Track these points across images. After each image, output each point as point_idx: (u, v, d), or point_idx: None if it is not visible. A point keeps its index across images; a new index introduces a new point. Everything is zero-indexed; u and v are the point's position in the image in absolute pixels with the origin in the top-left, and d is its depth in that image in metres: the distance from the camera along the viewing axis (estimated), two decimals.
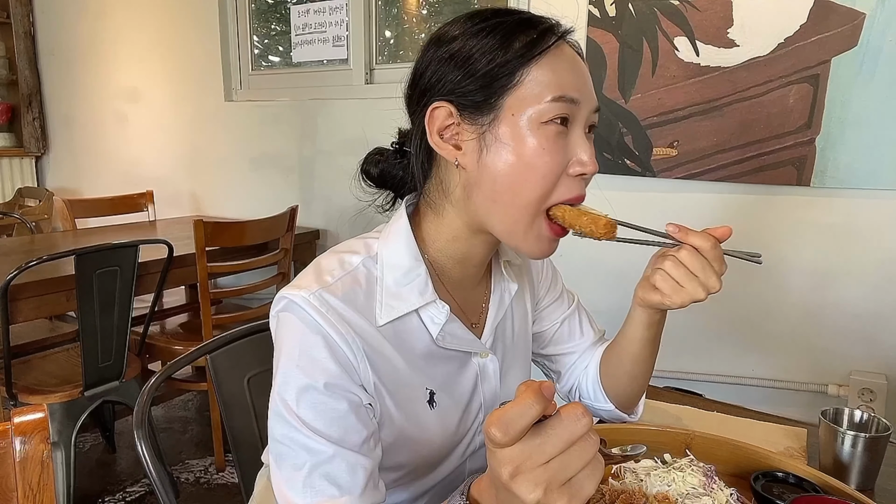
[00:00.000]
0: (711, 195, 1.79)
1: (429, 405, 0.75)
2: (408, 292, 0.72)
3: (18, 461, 0.63)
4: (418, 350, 0.74)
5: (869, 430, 0.88)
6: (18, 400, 1.81)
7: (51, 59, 3.67)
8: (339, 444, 0.65)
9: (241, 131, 2.85)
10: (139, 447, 0.87)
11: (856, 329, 1.66)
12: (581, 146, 0.69)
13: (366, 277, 0.72)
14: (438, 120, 0.69)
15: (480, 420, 0.81)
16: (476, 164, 0.69)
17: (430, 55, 0.70)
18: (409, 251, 0.73)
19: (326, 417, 0.65)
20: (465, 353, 0.79)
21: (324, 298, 0.67)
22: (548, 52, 0.67)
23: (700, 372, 1.88)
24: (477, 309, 0.82)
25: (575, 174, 0.69)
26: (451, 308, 0.75)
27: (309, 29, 2.63)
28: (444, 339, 0.75)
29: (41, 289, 1.79)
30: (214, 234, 2.03)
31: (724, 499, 0.71)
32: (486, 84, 0.67)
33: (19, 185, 3.72)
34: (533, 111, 0.66)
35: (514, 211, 0.69)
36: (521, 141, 0.66)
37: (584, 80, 0.70)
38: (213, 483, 2.18)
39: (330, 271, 0.71)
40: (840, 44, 1.56)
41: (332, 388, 0.66)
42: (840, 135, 1.59)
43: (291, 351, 0.67)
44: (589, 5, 1.85)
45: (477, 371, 0.80)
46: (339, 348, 0.67)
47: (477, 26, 0.68)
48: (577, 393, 0.98)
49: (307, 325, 0.67)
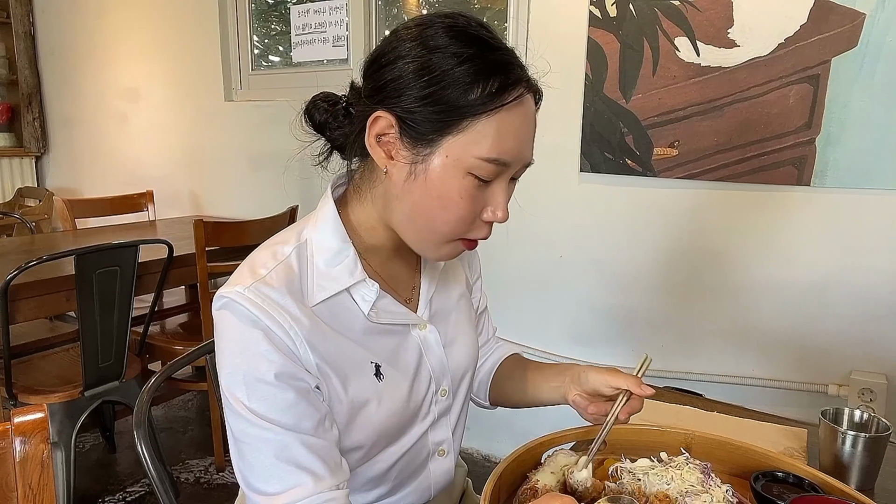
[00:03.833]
0: (712, 195, 1.79)
1: (376, 378, 0.77)
2: (338, 272, 0.75)
3: (18, 461, 0.63)
4: (356, 328, 0.77)
5: (869, 430, 0.88)
6: (18, 400, 1.80)
7: (51, 59, 3.67)
8: (294, 430, 0.69)
9: (241, 131, 2.85)
10: (139, 447, 0.87)
11: (856, 329, 1.65)
12: (498, 198, 0.72)
13: (298, 264, 0.74)
14: (379, 126, 0.70)
15: (433, 390, 0.85)
16: (401, 184, 0.71)
17: (404, 51, 0.70)
18: (337, 234, 0.76)
19: (278, 407, 0.68)
20: (402, 325, 0.82)
21: (259, 290, 0.70)
22: (505, 108, 0.68)
23: (700, 372, 1.88)
24: (409, 285, 0.86)
25: (486, 220, 0.73)
26: (382, 286, 0.78)
27: (309, 29, 2.62)
28: (377, 314, 0.78)
29: (41, 289, 1.78)
30: (214, 234, 2.03)
31: (721, 495, 0.71)
32: (436, 119, 0.67)
33: (19, 185, 3.72)
34: (464, 161, 0.68)
35: (425, 235, 0.74)
36: (445, 183, 0.69)
37: (526, 142, 0.72)
38: (213, 483, 2.18)
39: (263, 264, 0.73)
40: (840, 44, 1.56)
41: (281, 377, 0.69)
42: (840, 135, 1.59)
43: (234, 348, 0.70)
44: (590, 5, 1.85)
45: (419, 343, 0.83)
46: (280, 339, 0.69)
47: (456, 47, 0.68)
48: None
49: (246, 321, 0.69)
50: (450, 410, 0.89)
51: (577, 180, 1.99)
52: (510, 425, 2.21)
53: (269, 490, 0.68)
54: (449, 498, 0.98)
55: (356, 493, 0.82)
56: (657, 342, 1.95)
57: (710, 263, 1.83)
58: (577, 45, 1.89)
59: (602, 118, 1.88)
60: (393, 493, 0.86)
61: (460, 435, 0.94)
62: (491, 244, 1.07)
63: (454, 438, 0.91)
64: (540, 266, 2.12)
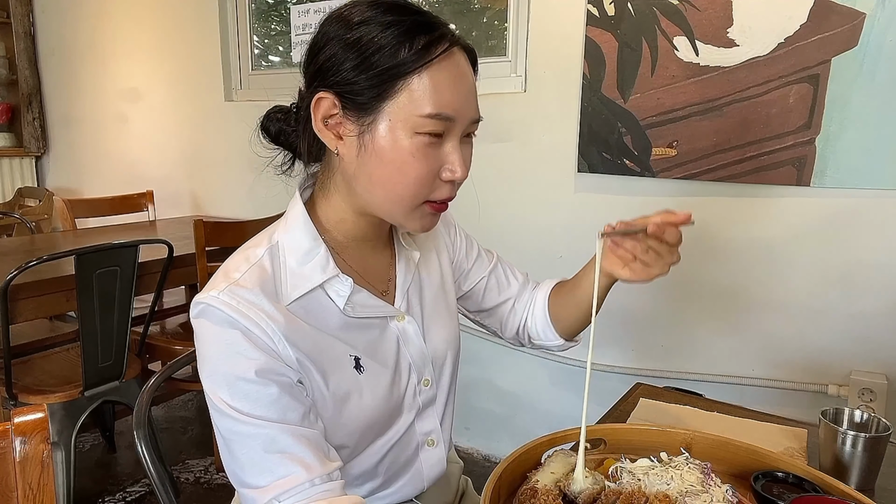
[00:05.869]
0: (711, 195, 1.79)
1: (356, 371, 0.78)
2: (310, 270, 0.76)
3: (18, 461, 0.63)
4: (332, 323, 0.77)
5: (869, 430, 0.88)
6: (18, 400, 1.80)
7: (51, 59, 3.67)
8: (281, 422, 0.69)
9: (241, 131, 2.83)
10: (139, 447, 0.87)
11: (856, 329, 1.66)
12: (452, 155, 0.73)
13: (271, 265, 0.75)
14: (323, 108, 0.72)
15: (415, 381, 0.85)
16: (354, 159, 0.73)
17: (332, 32, 0.72)
18: (308, 233, 0.77)
19: (262, 402, 0.69)
20: (380, 318, 0.82)
21: (234, 293, 0.71)
22: (435, 61, 0.69)
23: (700, 372, 1.88)
24: (384, 277, 0.86)
25: (446, 179, 0.73)
26: (357, 280, 0.79)
27: (309, 29, 2.62)
28: (353, 309, 0.78)
29: (41, 289, 1.79)
30: (214, 234, 2.03)
31: (722, 495, 0.71)
32: (372, 85, 0.69)
33: (19, 185, 3.72)
34: (408, 121, 0.69)
35: (390, 203, 0.74)
36: (394, 146, 0.70)
37: (466, 95, 0.72)
38: (213, 483, 2.18)
39: (236, 268, 0.74)
40: (840, 44, 1.56)
41: (263, 373, 0.69)
42: (840, 135, 1.59)
43: (214, 350, 0.70)
44: (588, 4, 1.85)
45: (397, 334, 0.84)
46: (258, 337, 0.70)
47: (379, 17, 0.70)
48: (525, 333, 1.04)
49: (223, 324, 0.70)
50: (435, 400, 0.90)
51: (575, 180, 1.98)
52: (510, 425, 2.21)
53: (260, 483, 0.68)
54: (444, 492, 0.98)
55: (348, 489, 0.82)
56: (657, 342, 1.95)
57: (709, 263, 1.83)
58: (575, 45, 1.88)
59: (600, 118, 1.88)
60: (385, 486, 0.87)
61: (449, 424, 0.94)
62: (490, 245, 1.07)
63: (443, 428, 0.91)
64: (539, 266, 2.11)
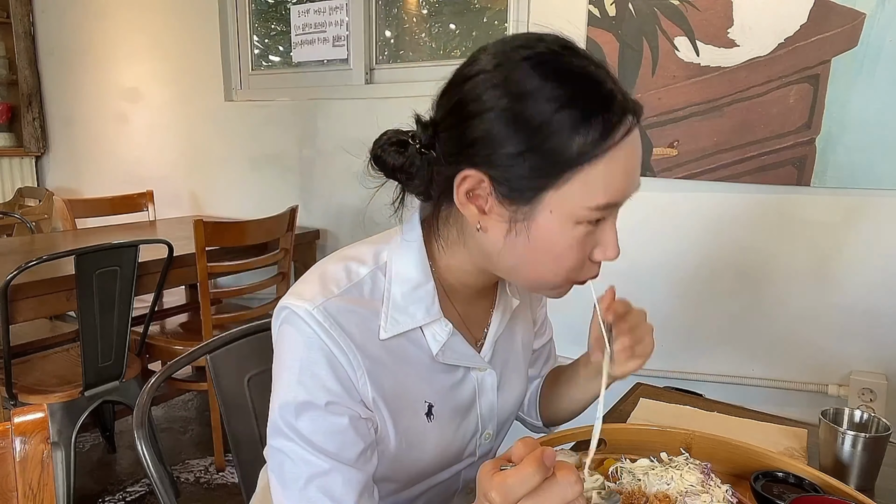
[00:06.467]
0: (711, 195, 1.79)
1: (426, 417, 0.75)
2: (414, 308, 0.72)
3: (18, 461, 0.63)
4: (419, 364, 0.74)
5: (869, 430, 0.88)
6: (18, 400, 1.80)
7: (51, 59, 3.67)
8: (335, 459, 0.66)
9: (241, 131, 2.85)
10: (139, 447, 0.87)
11: (856, 329, 1.65)
12: (608, 236, 0.67)
13: (371, 290, 0.71)
14: (469, 184, 0.64)
15: (479, 433, 0.82)
16: (502, 240, 0.66)
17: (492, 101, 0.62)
18: (420, 265, 0.72)
19: (325, 433, 0.66)
20: (465, 367, 0.79)
21: (327, 312, 0.67)
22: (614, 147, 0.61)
23: (700, 372, 1.88)
24: (481, 324, 0.82)
25: (595, 260, 0.69)
26: (455, 323, 0.75)
27: (309, 29, 2.62)
28: (444, 354, 0.75)
29: (41, 289, 1.78)
30: (214, 234, 2.03)
31: (721, 495, 0.71)
32: (537, 175, 0.61)
33: (19, 184, 3.72)
34: (574, 212, 0.63)
35: (531, 282, 0.71)
36: (552, 237, 0.64)
37: (635, 174, 0.65)
38: (213, 483, 2.18)
39: (336, 281, 0.70)
40: (840, 44, 1.56)
41: (333, 405, 0.67)
42: (840, 135, 1.59)
43: (293, 365, 0.67)
44: (589, 5, 1.85)
45: (475, 385, 0.80)
46: (341, 366, 0.67)
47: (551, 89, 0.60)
48: None
49: (309, 341, 0.67)
50: (489, 453, 0.86)
51: None
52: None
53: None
54: None
55: None
56: (657, 342, 1.95)
57: (709, 263, 1.83)
58: None
59: None
60: None
61: None
62: None
63: None
64: None
